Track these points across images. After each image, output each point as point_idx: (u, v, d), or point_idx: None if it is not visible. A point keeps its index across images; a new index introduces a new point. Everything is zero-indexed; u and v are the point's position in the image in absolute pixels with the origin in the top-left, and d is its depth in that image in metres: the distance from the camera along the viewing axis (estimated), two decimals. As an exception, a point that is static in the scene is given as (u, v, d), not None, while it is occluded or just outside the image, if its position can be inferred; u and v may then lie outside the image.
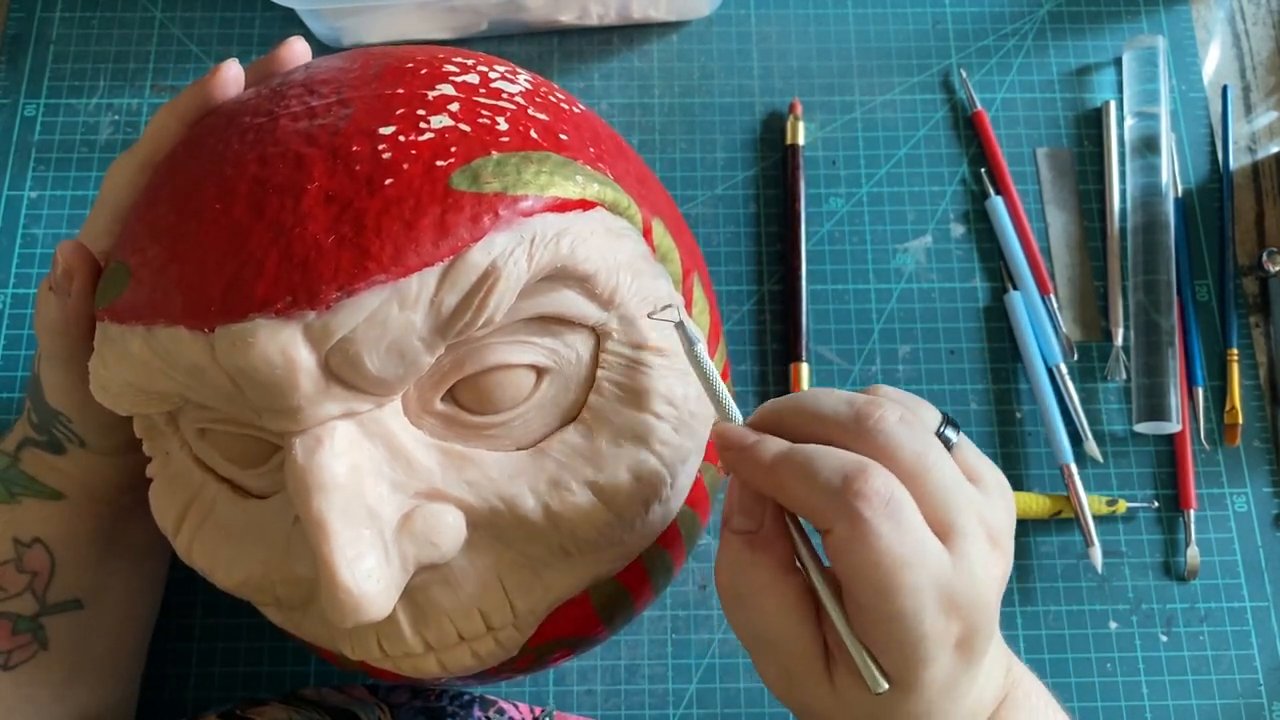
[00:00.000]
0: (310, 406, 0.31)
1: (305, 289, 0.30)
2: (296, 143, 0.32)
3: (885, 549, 0.30)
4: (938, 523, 0.31)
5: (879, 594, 0.30)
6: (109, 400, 0.35)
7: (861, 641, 0.31)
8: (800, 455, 0.32)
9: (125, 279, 0.33)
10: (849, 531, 0.30)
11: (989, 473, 0.34)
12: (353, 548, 0.31)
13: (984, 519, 0.32)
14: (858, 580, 0.30)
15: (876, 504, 0.30)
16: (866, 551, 0.30)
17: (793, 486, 0.31)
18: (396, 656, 0.36)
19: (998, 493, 0.33)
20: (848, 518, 0.30)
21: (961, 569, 0.31)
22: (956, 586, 0.30)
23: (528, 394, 0.34)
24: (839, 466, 0.31)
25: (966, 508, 0.32)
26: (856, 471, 0.30)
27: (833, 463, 0.31)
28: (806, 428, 0.33)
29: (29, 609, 0.43)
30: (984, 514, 0.32)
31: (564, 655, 0.40)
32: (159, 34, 0.64)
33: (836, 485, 0.30)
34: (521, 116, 0.34)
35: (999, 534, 0.32)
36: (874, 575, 0.30)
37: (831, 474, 0.30)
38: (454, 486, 0.34)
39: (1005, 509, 0.33)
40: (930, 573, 0.30)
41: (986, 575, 0.31)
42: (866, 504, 0.30)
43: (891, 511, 0.30)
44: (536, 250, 0.31)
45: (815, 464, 0.31)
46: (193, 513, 0.37)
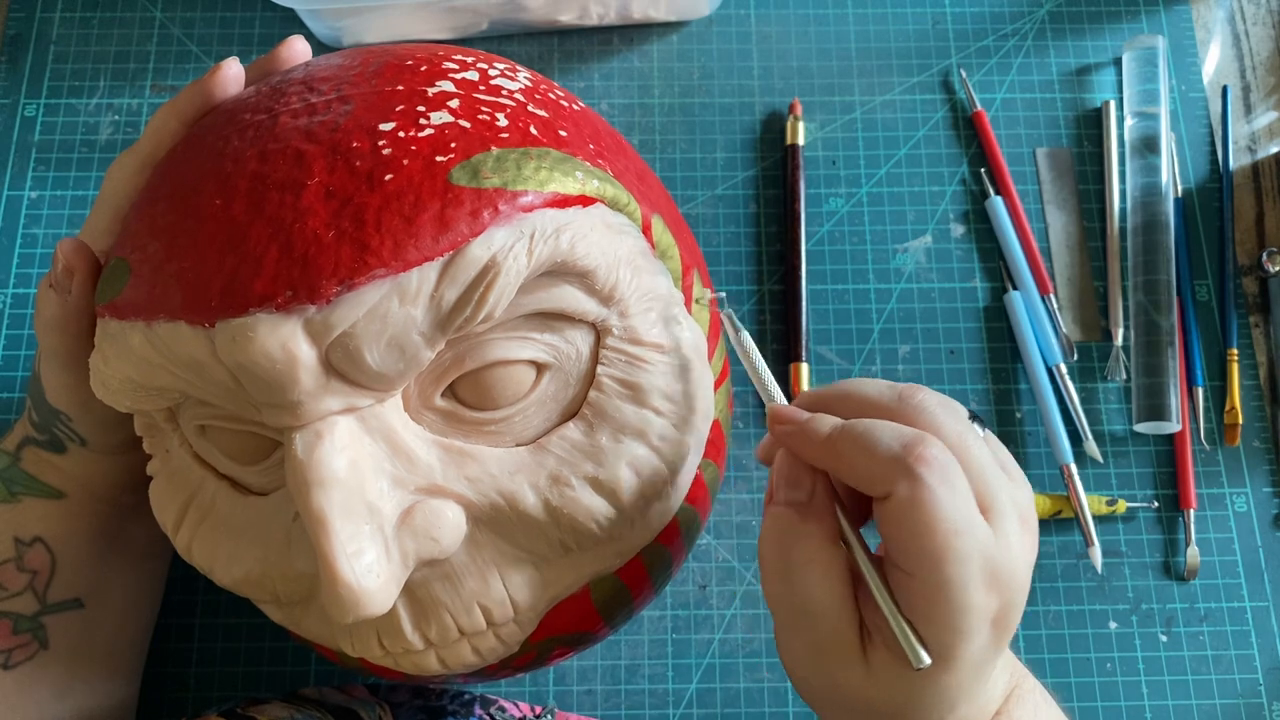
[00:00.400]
0: (310, 401, 0.31)
1: (305, 284, 0.30)
2: (296, 139, 0.32)
3: (943, 513, 0.30)
4: (979, 498, 0.32)
5: (931, 559, 0.30)
6: (109, 397, 0.35)
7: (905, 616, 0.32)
8: (859, 426, 0.32)
9: (125, 275, 0.33)
10: (909, 493, 0.31)
11: (1011, 464, 0.35)
12: (353, 543, 0.31)
13: (1016, 501, 0.33)
14: (912, 543, 0.31)
15: (936, 468, 0.31)
16: (924, 514, 0.30)
17: (852, 455, 0.32)
18: (397, 653, 0.36)
19: (1021, 480, 0.34)
20: (909, 479, 0.31)
21: (1002, 544, 0.31)
22: (998, 560, 0.31)
23: (528, 390, 0.35)
24: (898, 434, 0.32)
25: (1002, 488, 0.32)
26: (916, 439, 0.31)
27: (892, 431, 0.32)
28: (853, 409, 0.34)
29: (29, 608, 0.43)
30: (1015, 496, 0.33)
31: (564, 652, 0.40)
32: (159, 34, 0.64)
33: (897, 450, 0.31)
34: (521, 113, 0.35)
35: (1028, 517, 0.33)
36: (928, 539, 0.30)
37: (892, 440, 0.31)
38: (454, 482, 0.34)
39: (1029, 495, 0.34)
40: (979, 541, 0.31)
41: (1021, 554, 0.32)
42: (928, 468, 0.31)
43: (950, 477, 0.31)
44: (536, 245, 0.32)
45: (875, 433, 0.32)
46: (193, 510, 0.37)
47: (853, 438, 0.32)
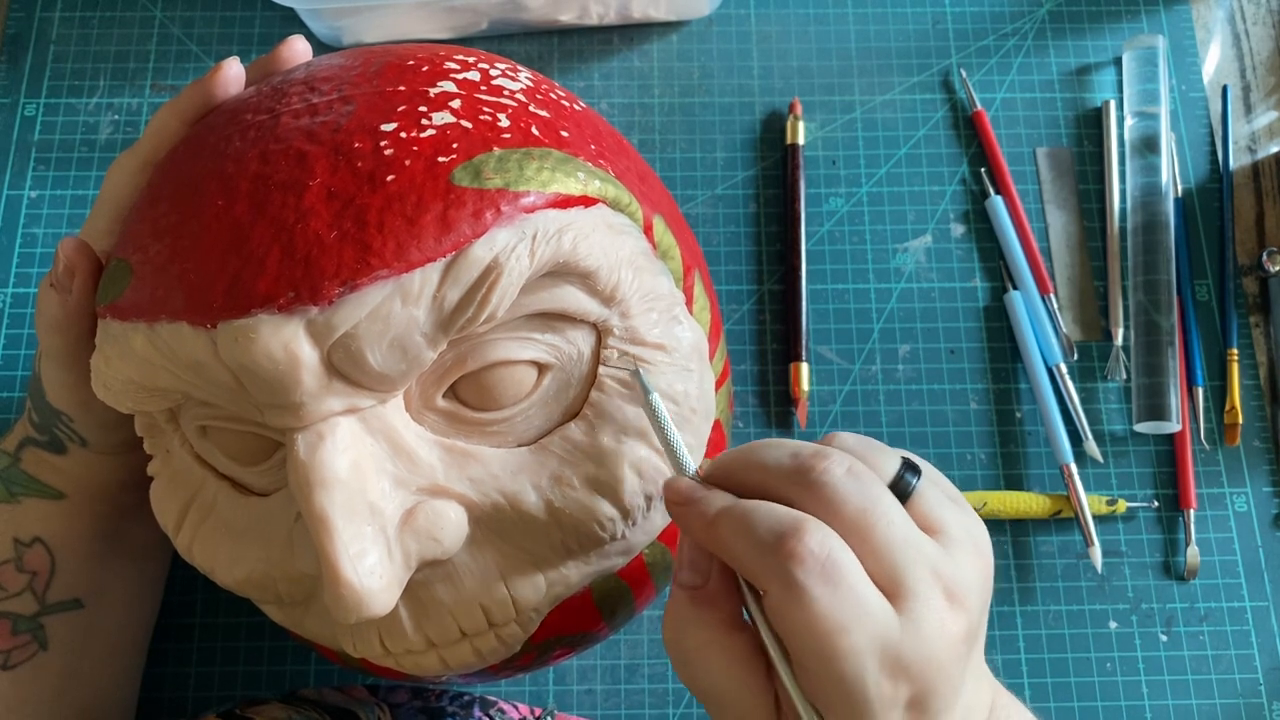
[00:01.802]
0: (312, 402, 0.31)
1: (308, 284, 0.30)
2: (298, 140, 0.32)
3: (820, 613, 0.29)
4: (886, 580, 0.30)
5: (817, 657, 0.29)
6: (111, 398, 0.35)
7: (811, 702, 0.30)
8: (738, 511, 0.31)
9: (127, 276, 0.33)
10: (783, 594, 0.29)
11: (956, 524, 0.32)
12: (355, 544, 0.31)
13: (940, 575, 0.30)
14: (794, 642, 0.30)
15: (811, 565, 0.29)
16: (802, 615, 0.29)
17: (731, 543, 0.31)
18: (398, 653, 0.36)
19: (963, 544, 0.32)
20: (781, 579, 0.29)
21: (909, 630, 0.29)
22: (904, 648, 0.29)
23: (529, 390, 0.35)
24: (774, 525, 0.30)
25: (918, 564, 0.30)
26: (791, 530, 0.29)
27: (768, 521, 0.30)
28: (752, 481, 0.32)
29: (29, 609, 0.43)
30: (940, 569, 0.31)
31: (565, 653, 0.40)
32: (159, 34, 0.64)
33: (770, 544, 0.29)
34: (523, 113, 0.35)
35: (960, 590, 0.31)
36: (810, 639, 0.29)
37: (766, 532, 0.30)
38: (456, 483, 0.34)
39: (972, 562, 0.32)
40: (871, 635, 0.29)
41: (941, 634, 0.30)
42: (800, 565, 0.29)
43: (828, 573, 0.29)
44: (539, 246, 0.32)
45: (751, 520, 0.30)
46: (194, 511, 0.37)
47: (731, 525, 0.31)
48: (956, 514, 0.32)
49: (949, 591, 0.30)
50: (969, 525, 0.33)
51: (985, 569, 0.32)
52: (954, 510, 0.33)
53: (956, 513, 0.33)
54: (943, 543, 0.31)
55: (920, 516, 0.32)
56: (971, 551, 0.32)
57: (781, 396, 0.57)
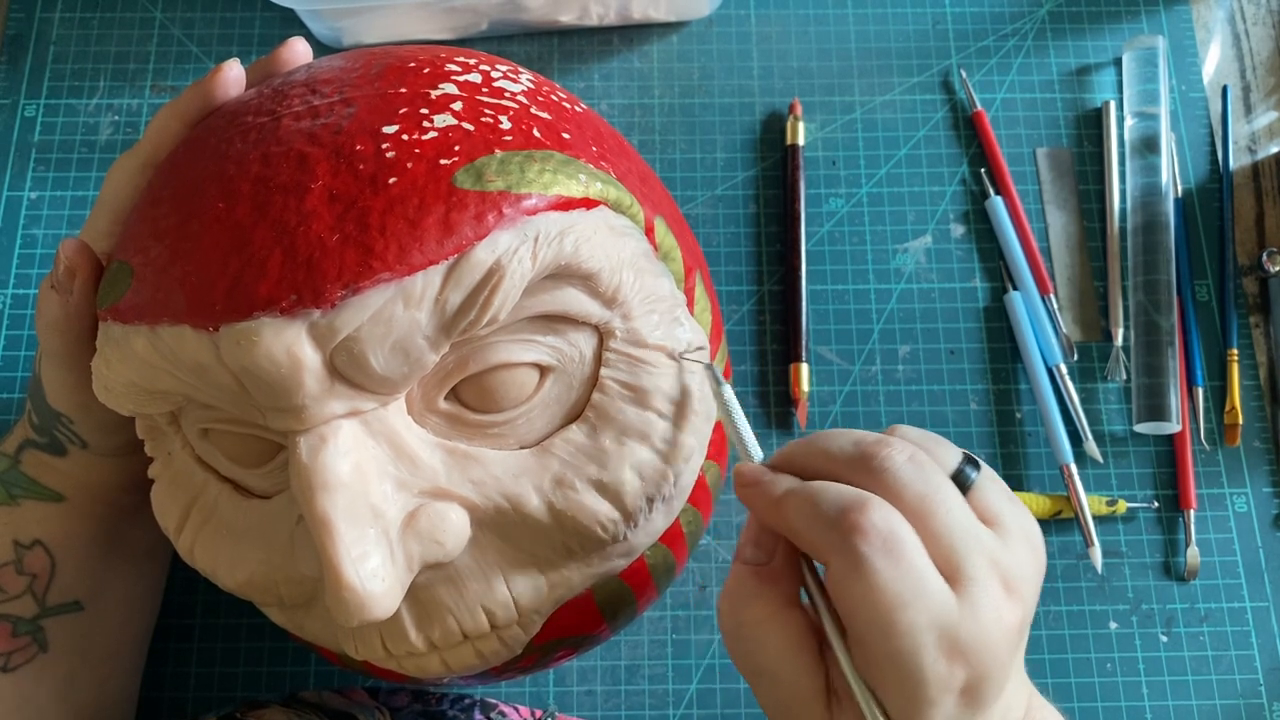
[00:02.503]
0: (314, 405, 0.31)
1: (310, 287, 0.30)
2: (299, 142, 0.32)
3: (881, 586, 0.29)
4: (945, 564, 0.30)
5: (876, 631, 0.29)
6: (112, 400, 0.35)
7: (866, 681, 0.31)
8: (805, 490, 0.32)
9: (128, 279, 0.33)
10: (844, 565, 0.30)
11: (1012, 517, 0.33)
12: (357, 547, 0.31)
13: (998, 564, 0.31)
14: (855, 616, 0.30)
15: (874, 538, 0.29)
16: (862, 588, 0.29)
17: (796, 520, 0.31)
18: (400, 655, 0.36)
19: (1020, 538, 0.32)
20: (844, 552, 0.30)
21: (967, 614, 0.30)
22: (961, 631, 0.30)
23: (531, 392, 0.35)
24: (838, 500, 0.30)
25: (976, 551, 0.31)
26: (854, 504, 0.30)
27: (833, 497, 0.31)
28: (816, 466, 0.33)
29: (29, 611, 0.43)
30: (998, 559, 0.31)
31: (567, 654, 0.40)
32: (159, 34, 0.64)
33: (834, 518, 0.30)
34: (524, 115, 0.35)
35: (1016, 580, 0.31)
36: (870, 612, 0.29)
37: (830, 507, 0.30)
38: (458, 485, 0.34)
39: (1028, 555, 0.32)
40: (931, 614, 0.29)
41: (997, 622, 0.30)
42: (863, 538, 0.29)
43: (890, 548, 0.29)
44: (540, 248, 0.32)
45: (817, 497, 0.31)
46: (195, 513, 0.37)
47: (797, 502, 0.31)
48: (1013, 508, 0.33)
49: (1005, 581, 0.31)
50: (1024, 521, 0.33)
51: (1039, 564, 0.33)
52: (1010, 504, 0.33)
53: (1013, 507, 0.33)
54: (1000, 534, 0.32)
55: (979, 508, 0.32)
56: (1027, 545, 0.32)
57: (781, 397, 0.57)
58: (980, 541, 0.31)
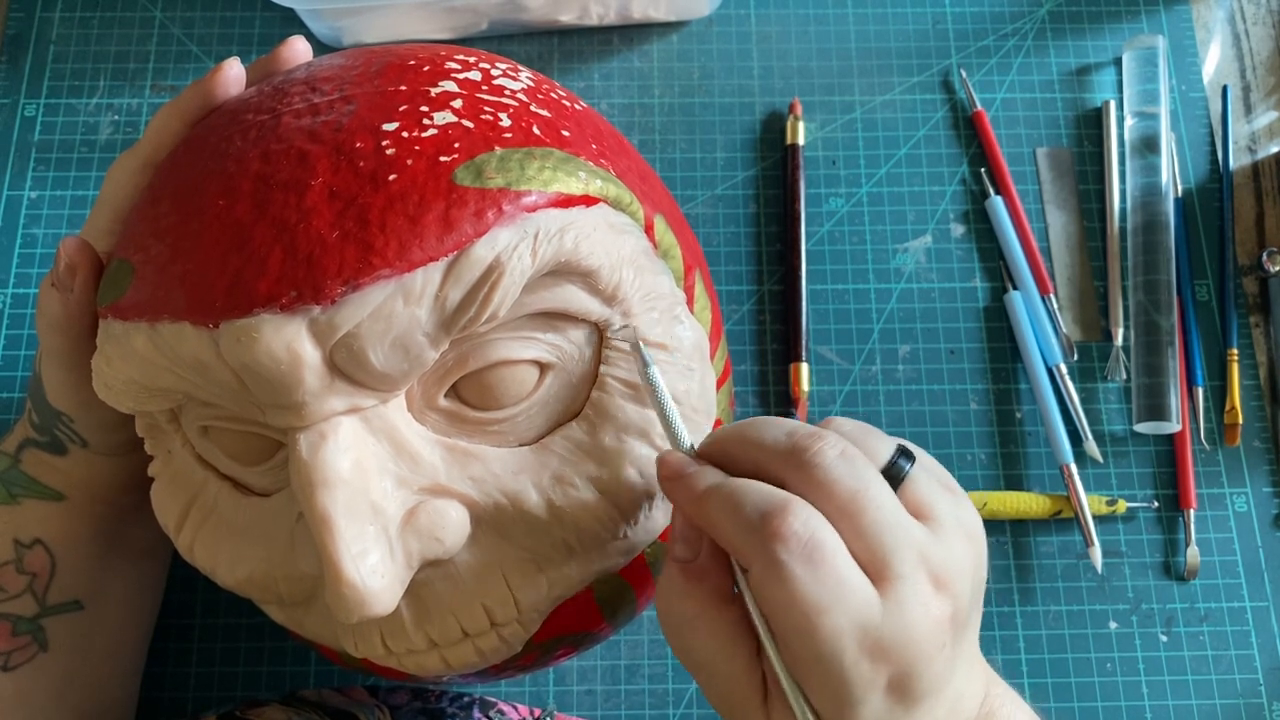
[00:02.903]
0: (315, 402, 0.31)
1: (310, 284, 0.30)
2: (300, 139, 0.32)
3: (800, 592, 0.29)
4: (871, 562, 0.30)
5: (798, 636, 0.29)
6: (112, 398, 0.35)
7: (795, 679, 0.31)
8: (726, 488, 0.31)
9: (128, 276, 0.33)
10: (765, 572, 0.30)
11: (946, 509, 0.32)
12: (357, 543, 0.31)
13: (927, 558, 0.31)
14: (777, 621, 0.30)
15: (794, 545, 0.29)
16: (782, 594, 0.29)
17: (718, 520, 0.31)
18: (400, 653, 0.36)
19: (953, 529, 0.32)
20: (764, 558, 0.30)
21: (892, 612, 0.30)
22: (884, 630, 0.30)
23: (531, 390, 0.35)
24: (759, 503, 0.30)
25: (905, 546, 0.30)
26: (777, 509, 0.30)
27: (755, 499, 0.30)
28: (746, 458, 0.33)
29: (29, 610, 0.43)
30: (928, 553, 0.31)
31: (567, 652, 0.40)
32: (159, 34, 0.64)
33: (755, 523, 0.30)
34: (524, 113, 0.35)
35: (947, 575, 0.31)
36: (790, 617, 0.29)
37: (751, 510, 0.30)
38: (458, 482, 0.34)
39: (962, 548, 0.32)
40: (851, 616, 0.29)
41: (925, 617, 0.30)
42: (783, 545, 0.29)
43: (809, 553, 0.29)
44: (540, 245, 0.32)
45: (738, 498, 0.31)
46: (195, 511, 0.37)
47: (719, 502, 0.31)
48: (948, 500, 0.33)
49: (935, 576, 0.31)
50: (960, 512, 0.33)
51: (976, 555, 0.33)
52: (946, 496, 0.33)
53: (948, 499, 0.33)
54: (932, 528, 0.32)
55: (911, 502, 0.32)
56: (962, 537, 0.32)
57: (781, 397, 0.57)
58: (910, 536, 0.31)
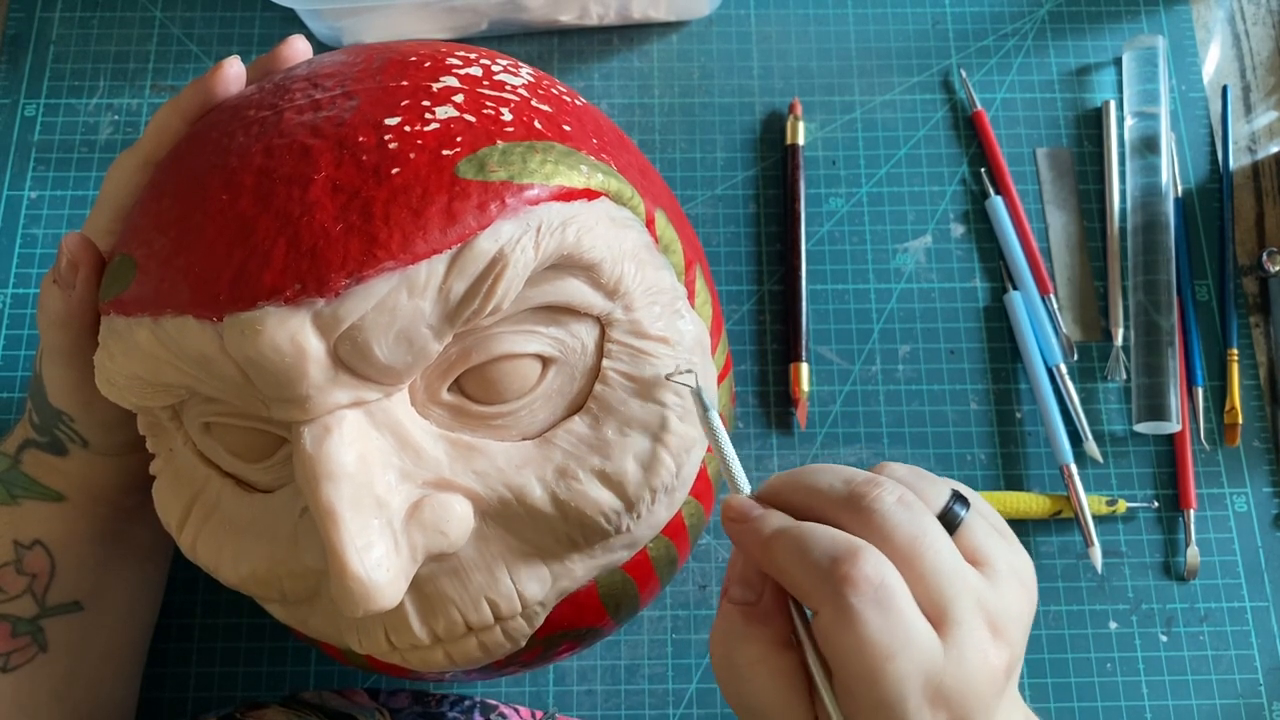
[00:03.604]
0: (319, 395, 0.31)
1: (314, 276, 0.30)
2: (302, 134, 0.32)
3: (870, 638, 0.29)
4: (932, 609, 0.30)
5: (863, 681, 0.29)
6: (114, 394, 0.35)
7: None
8: (794, 532, 0.31)
9: (131, 271, 0.33)
10: (834, 617, 0.30)
11: (1001, 556, 0.32)
12: (362, 536, 0.31)
13: (985, 606, 0.31)
14: (842, 666, 0.30)
15: (865, 589, 0.29)
16: (852, 639, 0.29)
17: (786, 564, 0.31)
18: (404, 649, 0.36)
19: (1008, 576, 0.32)
20: (834, 603, 0.30)
21: (953, 659, 0.30)
22: (945, 677, 0.30)
23: (534, 384, 0.35)
24: (829, 548, 0.30)
25: (963, 594, 0.31)
26: (846, 554, 0.30)
27: (824, 543, 0.30)
28: (806, 503, 0.33)
29: (29, 611, 0.43)
30: (985, 601, 0.31)
31: (570, 648, 0.40)
32: (159, 34, 0.64)
33: (825, 567, 0.30)
34: (525, 108, 0.35)
35: (1003, 621, 0.31)
36: (858, 663, 0.29)
37: (821, 555, 0.30)
38: (462, 476, 0.34)
39: (1017, 594, 0.32)
40: (917, 662, 0.29)
41: (982, 666, 0.30)
42: (854, 590, 0.29)
43: (880, 599, 0.29)
44: (543, 238, 0.32)
45: (807, 542, 0.31)
46: (197, 509, 0.37)
47: (787, 545, 0.31)
48: (1003, 547, 0.33)
49: (993, 623, 0.31)
50: (1014, 559, 0.33)
51: (1029, 602, 0.33)
52: (1000, 543, 0.33)
53: (1003, 546, 0.33)
54: (988, 575, 0.32)
55: (967, 548, 0.32)
56: (1016, 584, 0.32)
57: (781, 397, 0.57)
58: (967, 583, 0.31)
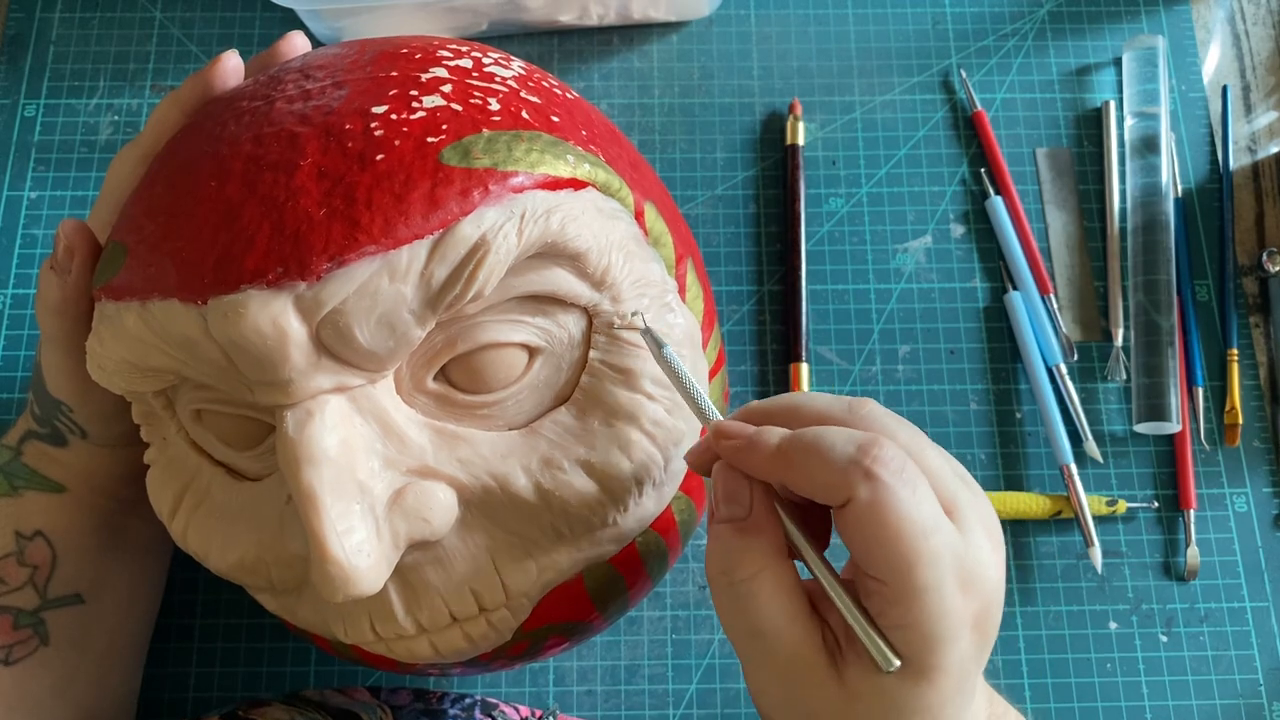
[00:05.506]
0: (301, 379, 0.31)
1: (296, 260, 0.30)
2: (291, 122, 0.33)
3: (909, 514, 0.29)
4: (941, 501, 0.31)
5: (902, 562, 0.29)
6: (105, 379, 0.35)
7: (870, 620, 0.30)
8: (810, 433, 0.31)
9: (122, 257, 0.34)
10: (870, 495, 0.29)
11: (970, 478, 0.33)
12: (343, 521, 0.31)
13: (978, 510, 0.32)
14: (880, 549, 0.29)
15: (894, 468, 0.29)
16: (888, 516, 0.29)
17: (806, 463, 0.31)
18: (389, 639, 0.36)
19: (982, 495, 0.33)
20: (868, 481, 0.29)
21: (971, 544, 0.30)
22: (970, 561, 0.30)
23: (520, 373, 0.35)
24: (851, 437, 0.30)
25: (963, 492, 0.31)
26: (870, 441, 0.30)
27: (845, 435, 0.30)
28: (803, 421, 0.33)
29: (30, 603, 0.43)
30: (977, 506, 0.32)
31: (558, 642, 0.40)
32: (159, 34, 0.64)
33: (852, 453, 0.30)
34: (514, 98, 0.35)
35: (993, 529, 0.32)
36: (897, 543, 0.29)
37: (846, 444, 0.30)
38: (446, 464, 0.34)
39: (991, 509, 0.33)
40: (948, 543, 0.29)
41: (992, 558, 0.31)
42: (885, 468, 0.29)
43: (910, 476, 0.30)
44: (526, 225, 0.32)
45: (828, 438, 0.31)
46: (188, 496, 0.37)
47: (804, 445, 0.31)
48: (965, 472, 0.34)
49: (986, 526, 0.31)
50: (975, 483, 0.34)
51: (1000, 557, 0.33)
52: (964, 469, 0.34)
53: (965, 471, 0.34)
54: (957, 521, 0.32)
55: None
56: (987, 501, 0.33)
57: (781, 397, 0.57)
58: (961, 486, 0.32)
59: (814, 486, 0.31)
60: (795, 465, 0.31)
